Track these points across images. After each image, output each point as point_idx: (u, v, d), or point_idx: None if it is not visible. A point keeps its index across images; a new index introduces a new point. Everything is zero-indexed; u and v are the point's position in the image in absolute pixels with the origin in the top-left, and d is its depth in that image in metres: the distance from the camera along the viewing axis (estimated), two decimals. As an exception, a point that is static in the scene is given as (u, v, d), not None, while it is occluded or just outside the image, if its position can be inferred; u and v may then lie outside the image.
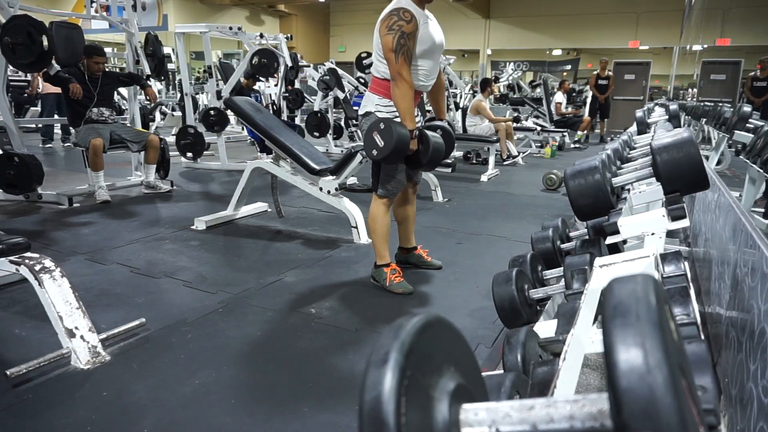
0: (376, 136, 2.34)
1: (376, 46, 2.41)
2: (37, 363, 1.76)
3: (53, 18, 4.35)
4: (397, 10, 2.32)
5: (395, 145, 2.31)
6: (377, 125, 2.35)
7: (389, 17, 2.33)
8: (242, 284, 2.66)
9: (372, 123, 2.39)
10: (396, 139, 2.30)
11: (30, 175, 3.92)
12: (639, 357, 0.35)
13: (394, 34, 2.29)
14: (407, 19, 2.31)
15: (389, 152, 2.32)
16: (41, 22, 3.86)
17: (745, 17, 4.22)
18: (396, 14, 2.31)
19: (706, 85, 6.00)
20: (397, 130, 2.31)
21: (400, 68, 2.31)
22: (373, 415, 0.39)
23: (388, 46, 2.31)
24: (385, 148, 2.32)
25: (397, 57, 2.30)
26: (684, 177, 1.41)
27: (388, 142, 2.31)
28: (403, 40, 2.30)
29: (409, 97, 2.35)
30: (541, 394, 0.99)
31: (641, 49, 17.68)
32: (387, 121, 2.35)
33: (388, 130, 2.31)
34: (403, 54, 2.31)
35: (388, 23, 2.32)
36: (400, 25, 2.30)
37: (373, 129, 2.35)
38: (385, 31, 2.32)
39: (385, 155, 2.34)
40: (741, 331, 1.19)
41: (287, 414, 1.62)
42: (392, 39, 2.29)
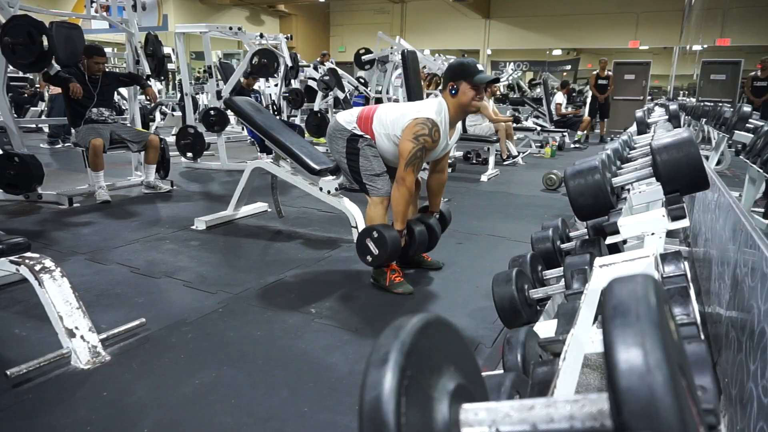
0: (370, 244, 2.48)
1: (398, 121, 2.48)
2: (37, 363, 1.76)
3: (53, 18, 4.35)
4: (433, 124, 2.40)
5: (390, 253, 2.46)
6: (371, 233, 2.47)
7: (423, 125, 2.39)
8: (242, 284, 2.66)
9: (364, 230, 2.52)
10: (390, 246, 2.44)
11: (30, 175, 3.92)
12: (639, 357, 0.35)
13: (415, 146, 2.40)
14: (434, 139, 2.42)
15: (385, 259, 2.48)
16: (41, 22, 3.86)
17: (745, 17, 4.22)
18: (428, 128, 2.39)
19: (706, 85, 6.00)
20: (390, 237, 2.45)
21: (405, 176, 2.44)
22: (373, 415, 0.39)
23: (405, 154, 2.42)
24: (381, 256, 2.47)
25: (407, 166, 2.43)
26: (684, 177, 1.41)
27: (383, 251, 2.46)
28: (420, 153, 2.42)
29: (406, 201, 2.49)
30: (541, 394, 0.99)
31: (641, 49, 17.69)
32: (380, 229, 2.46)
33: (382, 238, 2.45)
34: (413, 165, 2.43)
35: (417, 132, 2.39)
36: (426, 141, 2.40)
37: (366, 236, 2.49)
38: (410, 135, 2.40)
39: (380, 262, 2.51)
40: (741, 331, 1.19)
41: (287, 414, 1.62)
42: (411, 149, 2.40)
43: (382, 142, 2.56)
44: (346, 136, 2.60)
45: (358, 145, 2.58)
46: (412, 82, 4.68)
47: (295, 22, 20.80)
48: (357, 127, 2.59)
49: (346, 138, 2.61)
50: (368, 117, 2.58)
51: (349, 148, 2.61)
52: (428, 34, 19.72)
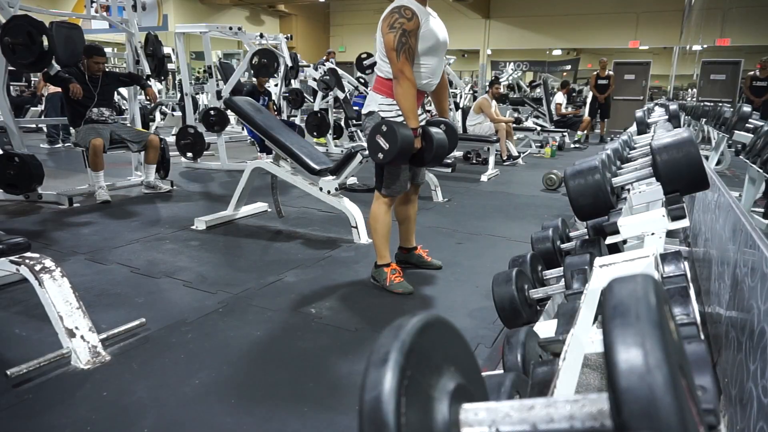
0: (380, 139, 2.33)
1: (379, 45, 2.40)
2: (37, 363, 1.76)
3: (53, 18, 4.36)
4: (399, 7, 2.31)
5: (400, 147, 2.30)
6: (380, 128, 2.34)
7: (390, 15, 2.31)
8: (242, 284, 2.66)
9: (374, 126, 2.38)
10: (401, 140, 2.29)
11: (30, 175, 3.92)
12: (639, 357, 0.35)
13: (396, 32, 2.28)
14: (408, 17, 2.29)
15: (395, 155, 2.32)
16: (41, 22, 3.86)
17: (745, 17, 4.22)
18: (397, 12, 2.30)
19: (705, 85, 6.00)
20: (400, 132, 2.31)
21: (402, 66, 2.30)
22: (373, 415, 0.39)
23: (390, 45, 2.30)
24: (390, 151, 2.32)
25: (398, 55, 2.29)
26: (684, 177, 1.41)
27: (392, 144, 2.30)
28: (404, 38, 2.29)
29: (411, 95, 2.35)
30: (541, 394, 0.99)
31: (641, 49, 17.68)
32: (389, 123, 2.34)
33: (392, 132, 2.30)
34: (404, 52, 2.30)
35: (390, 21, 2.30)
36: (402, 22, 2.29)
37: (376, 132, 2.35)
38: (386, 29, 2.31)
39: (391, 158, 2.34)
40: (741, 331, 1.19)
41: (287, 414, 1.62)
42: (393, 37, 2.28)
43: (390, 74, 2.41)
44: (377, 120, 2.47)
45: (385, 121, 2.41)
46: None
47: (295, 22, 20.80)
48: (378, 99, 2.47)
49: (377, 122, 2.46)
50: (376, 78, 2.50)
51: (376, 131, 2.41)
52: (428, 34, 19.64)
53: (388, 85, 2.44)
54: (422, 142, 2.46)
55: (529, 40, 18.99)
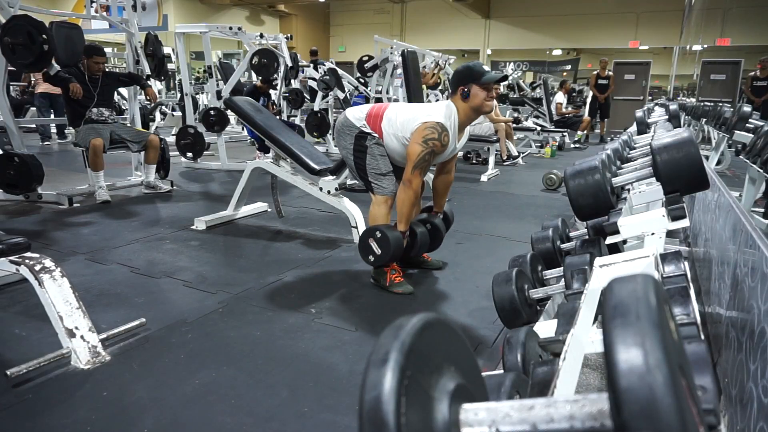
0: (373, 244, 2.48)
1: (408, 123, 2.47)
2: (37, 363, 1.76)
3: (53, 18, 4.35)
4: (442, 130, 2.40)
5: (393, 253, 2.46)
6: (374, 233, 2.48)
7: (433, 129, 2.39)
8: (242, 284, 2.66)
9: (368, 231, 2.52)
10: (393, 247, 2.44)
11: (30, 175, 3.92)
12: (639, 357, 0.35)
13: (424, 150, 2.40)
14: (444, 143, 2.43)
15: (387, 260, 2.49)
16: (41, 22, 3.85)
17: (745, 17, 4.22)
18: (437, 133, 2.39)
19: (706, 85, 6.00)
20: (393, 238, 2.45)
21: (412, 178, 2.45)
22: (373, 415, 0.39)
23: (413, 156, 2.41)
24: (383, 256, 2.47)
25: (414, 169, 2.43)
26: (684, 177, 1.41)
27: (385, 251, 2.46)
28: (428, 157, 2.42)
29: (411, 203, 2.49)
30: (541, 394, 0.99)
31: (641, 49, 17.69)
32: (383, 230, 2.46)
33: (385, 239, 2.45)
34: (420, 168, 2.44)
35: (426, 135, 2.39)
36: (435, 145, 2.40)
37: (370, 236, 2.49)
38: (419, 138, 2.40)
39: (382, 263, 2.51)
40: (741, 331, 1.19)
41: (287, 414, 1.62)
42: (420, 153, 2.40)
43: (390, 142, 2.55)
44: (354, 132, 2.59)
45: (366, 143, 2.57)
46: (412, 82, 4.68)
47: (295, 22, 20.80)
48: (366, 125, 2.58)
49: (355, 135, 2.59)
50: (378, 115, 2.57)
51: (356, 145, 2.60)
52: (428, 34, 19.72)
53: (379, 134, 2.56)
54: (407, 240, 2.61)
55: (529, 40, 19.00)
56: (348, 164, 2.71)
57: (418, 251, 2.76)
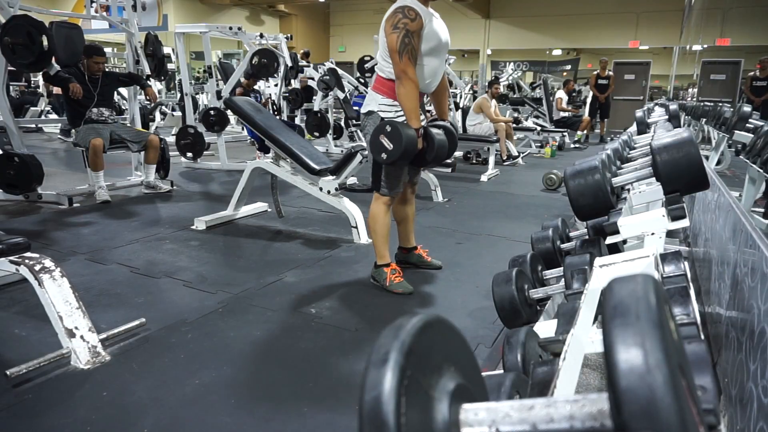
0: (384, 140, 2.33)
1: (381, 44, 2.40)
2: (37, 363, 1.76)
3: (53, 18, 4.35)
4: (402, 8, 2.30)
5: (405, 147, 2.30)
6: (384, 128, 2.33)
7: (394, 15, 2.31)
8: (242, 284, 2.66)
9: (378, 126, 2.37)
10: (405, 140, 2.29)
11: (30, 175, 3.92)
12: (639, 357, 0.35)
13: (399, 33, 2.28)
14: (412, 17, 2.29)
15: (399, 155, 2.32)
16: (41, 22, 3.86)
17: (745, 17, 4.22)
18: (401, 12, 2.30)
19: (706, 85, 6.00)
20: (405, 132, 2.31)
21: (405, 67, 2.30)
22: (373, 415, 0.39)
23: (393, 46, 2.29)
24: (395, 151, 2.31)
25: (401, 56, 2.29)
26: (684, 177, 1.41)
27: (397, 144, 2.30)
28: (407, 39, 2.28)
29: (414, 95, 2.35)
30: (541, 394, 0.99)
31: (641, 49, 17.69)
32: (393, 123, 2.34)
33: (396, 132, 2.30)
34: (407, 53, 2.29)
35: (393, 21, 2.30)
36: (405, 23, 2.28)
37: (380, 132, 2.34)
38: (390, 29, 2.30)
39: (395, 158, 2.34)
40: (741, 331, 1.19)
41: (287, 414, 1.62)
42: (397, 38, 2.28)
43: None
44: (377, 121, 2.46)
45: None
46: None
47: (295, 22, 20.80)
48: (378, 99, 2.46)
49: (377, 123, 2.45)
50: (376, 78, 2.49)
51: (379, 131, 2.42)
52: (428, 34, 19.64)
53: (389, 85, 2.43)
54: (424, 143, 2.46)
55: (529, 40, 18.99)
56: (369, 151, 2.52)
57: (435, 156, 2.51)
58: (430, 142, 2.47)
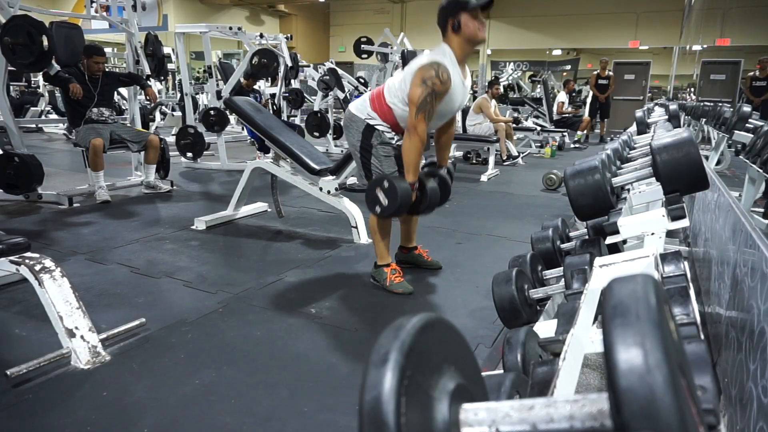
0: (380, 194, 2.39)
1: (402, 82, 2.40)
2: (37, 363, 1.76)
3: (53, 18, 4.36)
4: (439, 66, 2.30)
5: (400, 204, 2.37)
6: (381, 182, 2.39)
7: (428, 68, 2.30)
8: (242, 284, 2.66)
9: (376, 180, 2.44)
10: (400, 198, 2.35)
11: (30, 175, 3.92)
12: (639, 357, 0.35)
13: (425, 90, 2.29)
14: (443, 80, 2.30)
15: (394, 211, 2.39)
16: (41, 22, 3.86)
17: (745, 17, 4.22)
18: (435, 69, 2.29)
19: (705, 85, 6.00)
20: (401, 188, 2.36)
21: (417, 123, 2.34)
22: (373, 415, 0.39)
23: (414, 99, 2.31)
24: (390, 207, 2.38)
25: (417, 112, 2.32)
26: (684, 177, 1.41)
27: (392, 201, 2.36)
28: (429, 98, 2.30)
29: (418, 151, 2.39)
30: (541, 394, 0.99)
31: (641, 49, 17.68)
32: (390, 179, 2.38)
33: (392, 189, 2.36)
34: (424, 111, 2.33)
35: (425, 75, 2.30)
36: (435, 83, 2.29)
37: (377, 185, 2.40)
38: (418, 81, 2.31)
39: (389, 213, 2.41)
40: (741, 331, 1.19)
41: (287, 414, 1.62)
42: (421, 94, 2.30)
43: (400, 111, 2.46)
44: (361, 127, 2.52)
45: (372, 141, 2.52)
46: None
47: (295, 22, 20.80)
48: (370, 113, 2.51)
49: (362, 130, 2.53)
50: (379, 94, 2.52)
51: (363, 143, 2.53)
52: (428, 34, 19.65)
53: (385, 111, 2.49)
54: (417, 194, 2.51)
55: (529, 40, 18.99)
56: (355, 159, 2.63)
57: (426, 208, 2.61)
58: (423, 194, 2.55)
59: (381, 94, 2.51)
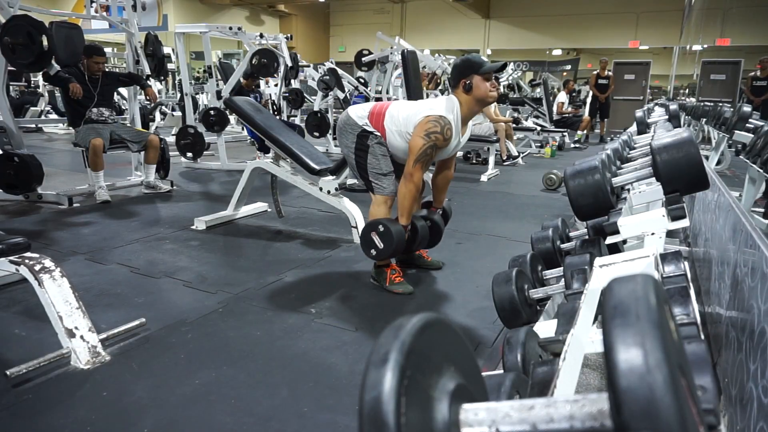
0: (375, 237, 2.45)
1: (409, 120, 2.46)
2: (37, 363, 1.76)
3: (53, 18, 4.35)
4: (445, 123, 2.38)
5: (395, 248, 2.43)
6: (376, 227, 2.45)
7: (435, 123, 2.37)
8: (242, 284, 2.66)
9: (370, 224, 2.49)
10: (396, 241, 2.42)
11: (30, 175, 3.92)
12: (639, 357, 0.35)
13: (426, 143, 2.38)
14: (446, 137, 2.40)
15: (389, 254, 2.46)
16: (41, 22, 3.86)
17: (745, 17, 4.22)
18: (440, 125, 2.37)
19: (706, 85, 6.00)
20: (395, 232, 2.43)
21: (414, 172, 2.43)
22: (373, 415, 0.39)
23: (414, 150, 2.40)
24: (385, 251, 2.45)
25: (416, 162, 2.41)
26: (684, 177, 1.41)
27: (387, 245, 2.43)
28: (430, 150, 2.40)
29: (412, 197, 2.49)
30: (541, 394, 0.99)
31: (641, 49, 17.69)
32: (386, 224, 2.43)
33: (388, 234, 2.43)
34: (422, 162, 2.42)
35: (429, 128, 2.37)
36: (437, 138, 2.38)
37: (372, 229, 2.46)
38: (422, 132, 2.38)
39: (385, 256, 2.49)
40: (741, 331, 1.19)
41: (287, 414, 1.62)
42: (423, 146, 2.38)
43: (393, 139, 2.53)
44: (356, 131, 2.58)
45: (368, 142, 2.56)
46: (412, 82, 4.68)
47: (295, 22, 20.80)
48: (368, 123, 2.57)
49: (357, 133, 2.58)
50: (380, 113, 2.56)
51: (358, 144, 2.58)
52: (428, 34, 19.72)
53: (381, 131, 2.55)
54: (409, 235, 2.58)
55: (529, 40, 19.00)
56: (349, 163, 2.69)
57: (417, 247, 2.75)
58: (414, 235, 2.64)
59: (382, 115, 2.56)
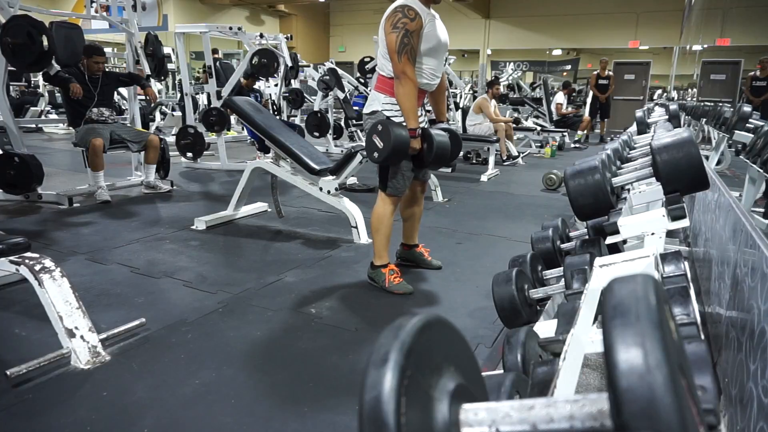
0: (375, 139, 2.36)
1: (381, 44, 2.40)
2: (37, 363, 1.76)
3: (53, 18, 4.36)
4: (402, 7, 2.31)
5: (393, 146, 2.32)
6: (376, 128, 2.36)
7: (393, 14, 2.32)
8: (242, 284, 2.66)
9: (371, 126, 2.40)
10: (394, 140, 2.31)
11: (30, 175, 3.92)
12: (639, 357, 0.35)
13: (398, 33, 2.29)
14: (411, 17, 2.30)
15: (388, 154, 2.35)
16: (41, 22, 3.86)
17: (745, 17, 4.22)
18: (400, 11, 2.31)
19: (706, 85, 6.00)
20: (394, 131, 2.33)
21: (403, 67, 2.31)
22: (373, 415, 0.39)
23: (392, 46, 2.31)
24: (384, 150, 2.34)
25: (400, 56, 2.30)
26: (684, 177, 1.41)
27: (386, 143, 2.33)
28: (406, 39, 2.29)
29: (413, 95, 2.36)
30: (541, 394, 0.99)
31: (641, 49, 17.68)
32: (384, 123, 2.35)
33: (386, 131, 2.33)
34: (406, 53, 2.31)
35: (392, 21, 2.31)
36: (404, 23, 2.29)
37: (372, 132, 2.38)
38: (389, 29, 2.31)
39: (385, 157, 2.37)
40: (741, 331, 1.19)
41: (287, 414, 1.62)
42: (396, 37, 2.29)
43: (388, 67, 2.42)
44: (380, 118, 2.47)
45: None
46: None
47: (295, 22, 20.79)
48: (380, 96, 2.47)
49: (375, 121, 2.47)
50: (378, 76, 2.50)
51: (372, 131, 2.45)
52: (428, 34, 19.64)
53: (390, 84, 2.44)
54: (422, 144, 2.46)
55: (529, 40, 18.99)
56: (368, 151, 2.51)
57: (436, 158, 2.48)
58: (429, 143, 2.46)
59: (379, 76, 2.50)
